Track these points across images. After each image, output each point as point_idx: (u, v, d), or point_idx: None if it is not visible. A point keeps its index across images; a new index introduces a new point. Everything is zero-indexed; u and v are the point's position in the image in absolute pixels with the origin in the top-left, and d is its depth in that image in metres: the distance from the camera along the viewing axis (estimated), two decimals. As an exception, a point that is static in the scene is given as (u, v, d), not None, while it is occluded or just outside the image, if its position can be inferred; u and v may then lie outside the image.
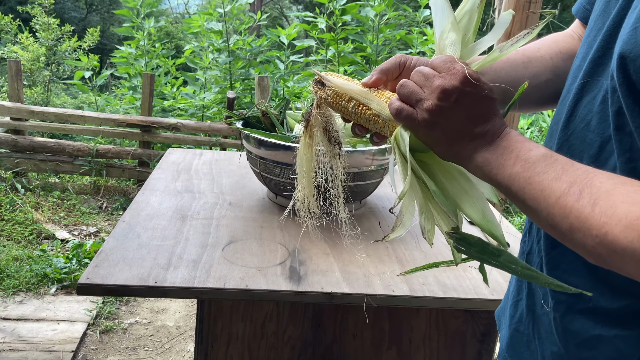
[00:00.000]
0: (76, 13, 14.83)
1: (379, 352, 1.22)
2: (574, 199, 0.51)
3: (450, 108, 0.59)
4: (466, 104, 0.59)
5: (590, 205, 0.50)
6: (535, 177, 0.55)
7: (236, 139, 4.41)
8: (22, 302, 2.64)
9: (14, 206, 3.76)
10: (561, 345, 0.65)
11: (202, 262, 1.10)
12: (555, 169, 0.54)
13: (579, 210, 0.50)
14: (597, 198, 0.50)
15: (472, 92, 0.59)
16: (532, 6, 2.60)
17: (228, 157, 1.96)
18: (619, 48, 0.54)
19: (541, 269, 0.70)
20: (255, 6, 12.25)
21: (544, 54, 0.81)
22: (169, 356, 2.36)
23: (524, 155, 0.57)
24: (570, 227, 0.51)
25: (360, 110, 0.72)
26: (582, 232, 0.50)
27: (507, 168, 0.58)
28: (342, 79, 0.75)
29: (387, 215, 1.50)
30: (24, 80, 5.95)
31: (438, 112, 0.60)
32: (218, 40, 5.33)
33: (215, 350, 1.17)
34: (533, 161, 0.56)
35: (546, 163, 0.55)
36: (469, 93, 0.59)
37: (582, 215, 0.50)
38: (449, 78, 0.59)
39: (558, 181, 0.53)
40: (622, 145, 0.56)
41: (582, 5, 0.80)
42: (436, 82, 0.60)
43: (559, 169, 0.54)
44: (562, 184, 0.53)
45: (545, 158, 0.56)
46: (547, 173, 0.54)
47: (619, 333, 0.59)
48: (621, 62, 0.53)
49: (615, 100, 0.56)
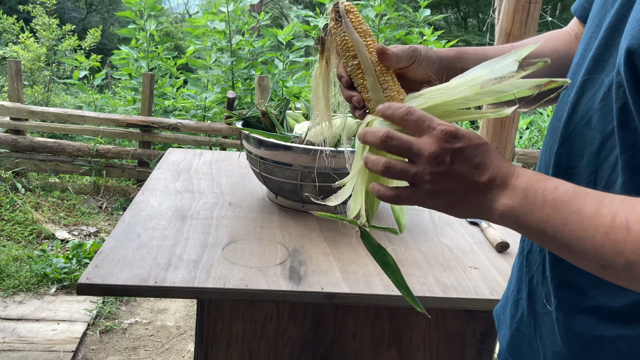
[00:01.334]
0: (76, 13, 14.83)
1: (379, 352, 1.22)
2: (624, 232, 0.47)
3: (449, 171, 0.57)
4: (462, 159, 0.57)
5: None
6: (571, 216, 0.51)
7: (236, 139, 4.41)
8: (22, 302, 2.64)
9: (14, 206, 3.76)
10: (563, 345, 0.65)
11: (202, 262, 1.10)
12: (590, 202, 0.51)
13: (632, 244, 0.47)
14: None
15: (463, 146, 0.57)
16: (532, 6, 2.60)
17: (228, 157, 1.96)
18: (626, 43, 0.53)
19: (543, 268, 0.69)
20: (256, 6, 12.25)
21: (539, 52, 0.81)
22: (169, 356, 2.36)
23: (550, 195, 0.53)
24: (626, 263, 0.48)
25: (356, 73, 0.70)
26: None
27: (535, 212, 0.54)
28: (360, 30, 0.70)
29: (388, 215, 1.50)
30: (25, 80, 5.95)
31: (438, 180, 0.58)
32: (221, 39, 5.33)
33: (215, 350, 1.17)
34: (564, 200, 0.52)
35: (578, 199, 0.52)
36: (460, 148, 0.57)
37: (639, 249, 0.46)
38: (434, 142, 0.57)
39: (599, 216, 0.49)
40: (626, 142, 0.55)
41: (581, 3, 0.80)
42: (425, 152, 0.57)
43: (594, 202, 0.50)
44: (605, 218, 0.49)
45: (575, 193, 0.52)
46: (583, 210, 0.50)
47: (621, 333, 0.59)
48: (629, 57, 0.52)
49: (620, 96, 0.55)
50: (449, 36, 10.13)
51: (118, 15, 5.57)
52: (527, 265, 0.74)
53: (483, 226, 1.43)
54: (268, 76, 4.53)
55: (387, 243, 1.29)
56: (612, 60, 0.59)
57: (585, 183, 0.62)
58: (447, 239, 1.37)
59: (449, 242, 1.34)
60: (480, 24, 13.74)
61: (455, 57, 0.75)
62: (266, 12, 6.41)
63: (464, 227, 1.46)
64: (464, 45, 14.01)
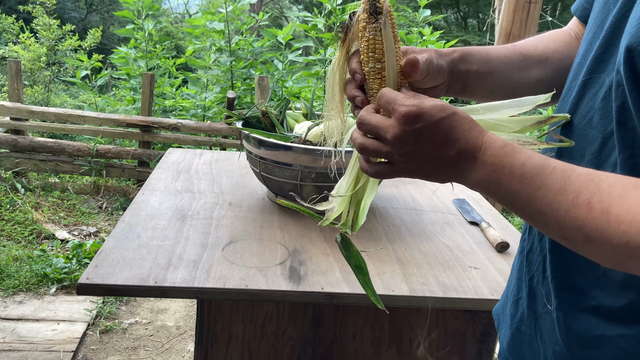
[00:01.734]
0: (76, 13, 14.83)
1: (379, 351, 1.22)
2: (585, 210, 0.50)
3: (415, 150, 0.60)
4: (425, 138, 0.59)
5: (605, 214, 0.48)
6: (537, 192, 0.53)
7: (236, 139, 4.42)
8: (22, 302, 2.64)
9: (14, 206, 3.76)
10: (564, 345, 0.65)
11: (202, 262, 1.10)
12: (555, 178, 0.53)
13: (593, 222, 0.49)
14: (609, 205, 0.48)
15: (423, 125, 0.59)
16: (532, 6, 2.60)
17: (228, 157, 1.96)
18: (625, 41, 0.53)
19: (543, 268, 0.70)
20: (256, 6, 12.25)
21: (540, 53, 0.81)
22: (169, 356, 2.36)
23: (518, 171, 0.55)
24: (585, 238, 0.50)
25: (375, 77, 0.67)
26: (599, 242, 0.49)
27: (503, 186, 0.56)
28: (394, 35, 0.66)
29: (387, 214, 1.50)
30: (25, 80, 5.96)
31: (408, 159, 0.61)
32: (220, 40, 5.33)
33: (215, 350, 1.17)
34: (530, 175, 0.54)
35: (544, 175, 0.54)
36: (421, 128, 0.59)
37: (597, 226, 0.49)
38: (396, 124, 0.60)
39: (563, 193, 0.52)
40: (624, 141, 0.56)
41: (581, 4, 0.80)
42: (389, 135, 0.60)
43: (560, 179, 0.52)
44: (569, 195, 0.51)
45: (542, 169, 0.54)
46: (548, 186, 0.53)
47: (622, 333, 0.59)
48: (628, 55, 0.53)
49: (619, 95, 0.56)
50: (449, 36, 10.13)
51: (117, 15, 5.57)
52: (528, 264, 0.74)
53: (483, 226, 1.44)
54: (268, 76, 4.53)
55: (387, 243, 1.29)
56: (613, 60, 0.60)
57: None
58: (447, 239, 1.37)
59: (449, 242, 1.34)
60: (480, 24, 13.74)
61: (459, 59, 0.75)
62: (266, 12, 6.41)
63: (464, 227, 1.46)
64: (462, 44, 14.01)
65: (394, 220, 1.46)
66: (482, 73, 0.76)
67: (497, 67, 0.78)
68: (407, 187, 1.77)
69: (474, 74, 0.75)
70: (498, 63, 0.78)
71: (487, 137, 0.59)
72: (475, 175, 0.59)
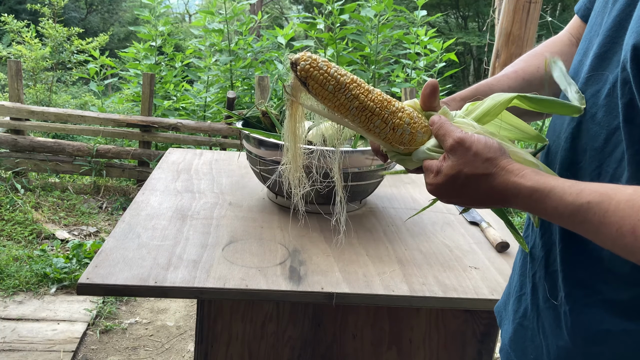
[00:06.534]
0: (76, 13, 14.82)
1: (379, 352, 1.22)
2: (632, 239, 0.51)
3: (460, 194, 0.67)
4: (471, 188, 0.65)
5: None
6: (579, 226, 0.57)
7: (236, 139, 4.41)
8: (22, 302, 2.64)
9: (14, 206, 3.76)
10: (569, 339, 0.65)
11: (202, 262, 1.10)
12: (594, 213, 0.54)
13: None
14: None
15: (464, 183, 0.65)
16: (532, 6, 2.60)
17: (228, 157, 1.96)
18: (632, 39, 0.54)
19: (546, 263, 0.70)
20: (256, 6, 12.24)
21: (542, 75, 0.82)
22: (169, 356, 2.36)
23: (554, 214, 0.59)
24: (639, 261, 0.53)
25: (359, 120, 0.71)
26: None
27: (547, 217, 0.61)
28: (326, 92, 0.71)
29: (387, 214, 1.50)
30: (29, 80, 5.97)
31: (459, 200, 0.69)
32: (219, 40, 5.34)
33: (215, 350, 1.17)
34: (567, 215, 0.57)
35: (581, 212, 0.56)
36: (461, 185, 0.65)
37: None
38: (440, 184, 0.68)
39: (605, 226, 0.53)
40: (632, 137, 0.56)
41: (584, 4, 0.81)
42: (436, 188, 0.69)
43: (598, 213, 0.54)
44: (612, 228, 0.53)
45: (578, 209, 0.56)
46: (590, 222, 0.55)
47: (627, 328, 0.60)
48: (635, 53, 0.53)
49: (626, 92, 0.56)
50: (449, 36, 10.12)
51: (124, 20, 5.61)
52: (531, 260, 0.74)
53: (483, 226, 1.44)
54: (268, 76, 4.53)
55: (387, 243, 1.29)
56: (616, 57, 0.60)
57: (589, 178, 0.62)
58: (447, 239, 1.37)
59: (449, 242, 1.34)
60: (480, 24, 13.73)
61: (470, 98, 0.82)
62: (266, 13, 6.42)
63: (464, 227, 1.46)
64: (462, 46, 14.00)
65: (394, 220, 1.46)
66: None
67: None
68: (407, 187, 1.77)
69: None
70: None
71: (512, 188, 0.62)
72: (515, 206, 0.64)
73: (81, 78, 5.49)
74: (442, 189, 0.67)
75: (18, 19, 6.78)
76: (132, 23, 13.07)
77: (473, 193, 0.65)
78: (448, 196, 0.68)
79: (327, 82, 0.69)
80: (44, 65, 6.13)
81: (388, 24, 5.15)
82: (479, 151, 0.64)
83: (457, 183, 0.65)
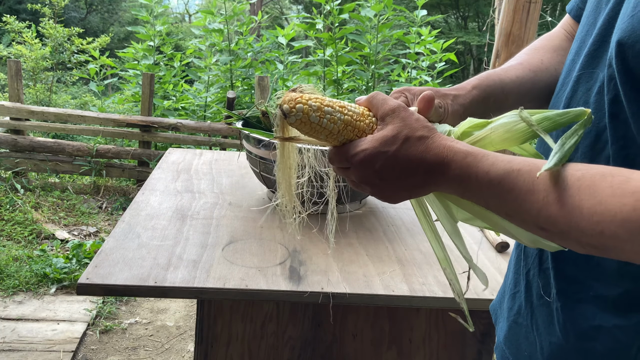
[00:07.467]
0: (76, 13, 14.82)
1: (379, 352, 1.22)
2: (557, 207, 0.51)
3: (383, 185, 0.65)
4: (388, 172, 0.63)
5: (577, 209, 0.50)
6: (507, 195, 0.56)
7: (236, 139, 4.42)
8: (22, 302, 2.64)
9: (14, 206, 3.76)
10: (561, 336, 0.66)
11: (202, 262, 1.10)
12: (523, 180, 0.54)
13: (566, 217, 0.51)
14: (580, 199, 0.50)
15: (383, 165, 0.62)
16: (532, 6, 2.60)
17: (228, 157, 1.96)
18: (617, 36, 0.55)
19: (539, 260, 0.71)
20: (256, 6, 12.25)
21: (548, 65, 0.83)
22: (169, 356, 2.36)
23: (484, 179, 0.58)
24: (560, 232, 0.53)
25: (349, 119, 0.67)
26: (574, 235, 0.51)
27: (474, 192, 0.60)
28: (313, 127, 0.67)
29: (387, 214, 1.50)
30: (29, 80, 5.97)
31: (381, 194, 0.66)
32: (220, 40, 5.34)
33: (215, 350, 1.17)
34: (497, 181, 0.56)
35: (510, 179, 0.55)
36: (381, 168, 0.63)
37: (571, 221, 0.51)
38: (356, 171, 0.65)
39: (533, 193, 0.54)
40: (616, 133, 0.57)
41: (576, 3, 0.83)
42: (354, 180, 0.67)
43: (527, 180, 0.54)
44: (539, 195, 0.53)
45: (507, 174, 0.56)
46: (518, 188, 0.55)
47: (618, 323, 0.60)
48: (619, 49, 0.54)
49: (611, 88, 0.57)
50: (449, 36, 10.12)
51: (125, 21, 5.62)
52: (525, 257, 0.75)
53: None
54: (268, 76, 4.53)
55: (387, 243, 1.29)
56: (606, 55, 0.61)
57: None
58: (447, 239, 1.37)
59: (449, 242, 1.34)
60: (480, 24, 13.73)
61: (480, 99, 0.78)
62: (266, 13, 6.43)
63: (463, 227, 1.46)
64: (462, 46, 14.01)
65: (394, 220, 1.46)
66: (499, 102, 0.79)
67: (512, 91, 0.80)
68: (407, 187, 1.77)
69: (492, 105, 0.78)
70: (512, 87, 0.80)
71: (447, 150, 0.61)
72: (446, 188, 0.63)
73: (81, 78, 5.50)
74: (374, 158, 0.63)
75: (18, 19, 6.78)
76: (132, 23, 13.05)
77: (404, 160, 0.62)
78: (374, 168, 0.63)
79: (320, 130, 0.68)
80: (44, 65, 6.14)
81: (387, 24, 5.14)
82: (420, 117, 0.65)
83: (392, 148, 0.62)
